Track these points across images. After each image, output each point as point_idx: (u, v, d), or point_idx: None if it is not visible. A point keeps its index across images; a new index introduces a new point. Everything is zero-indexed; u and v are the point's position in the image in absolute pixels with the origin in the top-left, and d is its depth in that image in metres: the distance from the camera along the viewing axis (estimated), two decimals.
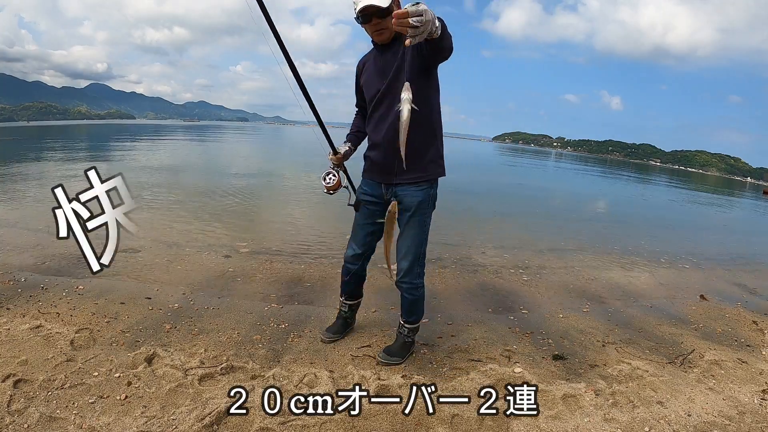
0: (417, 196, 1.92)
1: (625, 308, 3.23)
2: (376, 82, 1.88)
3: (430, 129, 1.90)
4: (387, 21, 1.74)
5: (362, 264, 2.18)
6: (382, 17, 1.75)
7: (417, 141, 1.82)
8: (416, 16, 1.32)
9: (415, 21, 1.33)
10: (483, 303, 3.08)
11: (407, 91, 1.53)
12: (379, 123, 1.90)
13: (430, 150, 1.91)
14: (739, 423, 1.84)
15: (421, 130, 1.83)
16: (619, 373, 2.17)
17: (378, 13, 1.73)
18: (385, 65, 1.84)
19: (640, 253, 5.19)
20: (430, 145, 1.91)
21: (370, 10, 1.73)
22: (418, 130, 1.81)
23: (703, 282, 4.22)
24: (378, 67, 1.88)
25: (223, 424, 1.58)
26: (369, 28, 1.80)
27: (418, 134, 1.82)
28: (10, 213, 4.82)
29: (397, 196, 1.93)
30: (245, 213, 5.36)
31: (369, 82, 1.93)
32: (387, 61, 1.84)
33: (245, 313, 2.56)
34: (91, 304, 2.51)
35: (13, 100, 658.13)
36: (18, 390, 1.66)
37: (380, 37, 1.82)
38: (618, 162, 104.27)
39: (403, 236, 1.96)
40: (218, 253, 3.75)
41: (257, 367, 1.97)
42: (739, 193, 28.98)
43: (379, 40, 1.83)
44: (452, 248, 4.59)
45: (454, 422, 1.67)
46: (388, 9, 1.73)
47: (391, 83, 1.82)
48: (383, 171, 1.93)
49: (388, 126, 1.85)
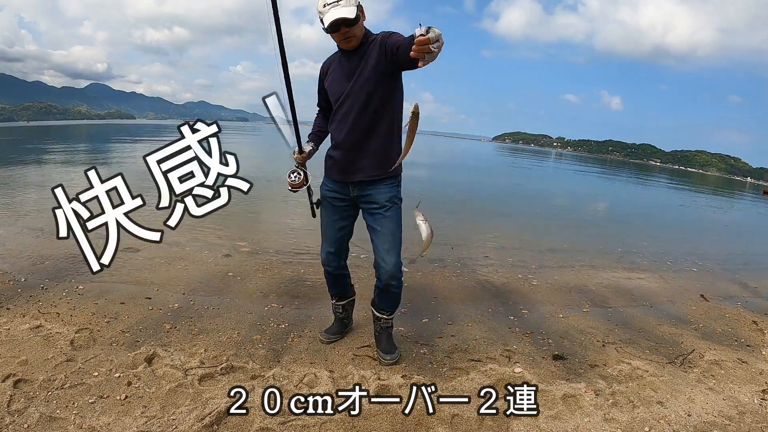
0: (388, 192, 1.96)
1: (625, 308, 3.23)
2: (341, 84, 1.93)
3: (393, 128, 1.95)
4: (354, 29, 1.80)
5: (339, 262, 2.20)
6: (350, 26, 1.79)
7: (382, 140, 1.92)
8: (435, 42, 1.42)
9: (434, 47, 1.42)
10: (483, 303, 3.08)
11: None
12: (341, 123, 1.94)
13: (393, 148, 1.95)
14: (739, 423, 1.84)
15: (385, 130, 1.92)
16: (619, 373, 2.17)
17: (346, 23, 1.77)
18: (350, 69, 1.89)
19: (640, 253, 5.19)
20: (394, 143, 1.96)
21: (339, 22, 1.77)
22: (383, 130, 1.92)
23: (703, 282, 4.22)
24: (343, 70, 1.92)
25: (223, 424, 1.58)
26: (337, 36, 1.83)
27: (384, 134, 1.92)
28: (11, 213, 4.82)
29: (368, 194, 1.96)
30: (245, 213, 5.36)
31: (334, 85, 1.96)
32: (352, 66, 1.89)
33: (245, 313, 2.56)
34: (91, 304, 2.51)
35: (13, 100, 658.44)
36: (18, 390, 1.66)
37: (348, 44, 1.85)
38: (618, 162, 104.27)
39: (382, 232, 1.97)
40: (218, 253, 3.75)
41: (257, 367, 1.97)
42: (739, 193, 28.99)
43: (347, 46, 1.87)
44: (452, 248, 4.59)
45: (454, 422, 1.67)
46: (356, 18, 1.78)
47: (353, 86, 1.88)
48: (346, 170, 1.97)
49: (349, 126, 1.91)
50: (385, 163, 1.92)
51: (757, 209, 16.32)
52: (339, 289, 2.29)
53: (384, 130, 1.92)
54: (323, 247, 2.17)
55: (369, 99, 1.86)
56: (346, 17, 1.74)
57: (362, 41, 1.86)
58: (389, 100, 1.90)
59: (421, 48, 1.43)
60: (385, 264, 1.96)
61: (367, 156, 1.93)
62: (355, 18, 1.77)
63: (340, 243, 2.15)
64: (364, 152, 1.93)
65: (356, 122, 1.89)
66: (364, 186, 1.96)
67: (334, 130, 2.00)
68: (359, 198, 2.00)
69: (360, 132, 1.90)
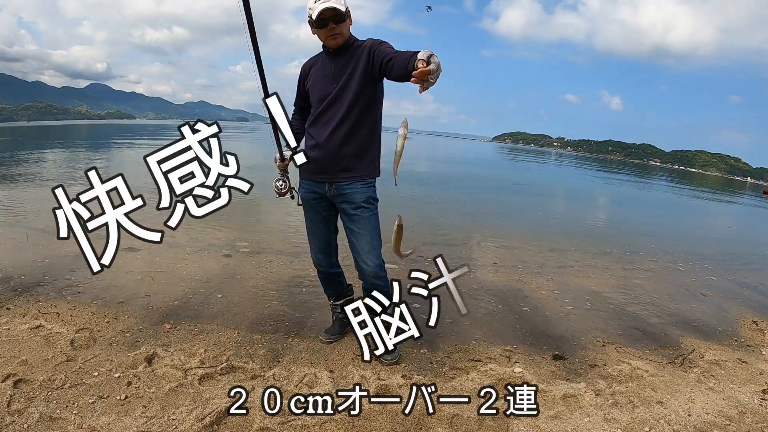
0: (365, 192, 1.98)
1: (625, 308, 3.23)
2: (326, 85, 1.93)
3: (374, 131, 1.98)
4: (341, 26, 1.83)
5: (330, 261, 2.21)
6: (337, 23, 1.80)
7: (362, 141, 1.95)
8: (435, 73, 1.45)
9: (432, 78, 1.46)
10: (483, 303, 3.08)
11: (403, 128, 1.70)
12: (324, 125, 1.94)
13: (372, 150, 1.99)
14: (739, 423, 1.84)
15: (366, 131, 1.95)
16: (619, 373, 2.17)
17: (335, 18, 1.78)
18: (336, 70, 1.90)
19: (641, 253, 5.19)
20: (373, 145, 2.00)
21: (327, 14, 1.78)
22: (366, 132, 1.95)
23: (703, 281, 4.22)
24: (326, 71, 1.93)
25: (223, 424, 1.58)
26: (323, 33, 1.84)
27: (364, 135, 1.95)
28: (11, 213, 4.82)
29: (345, 193, 1.97)
30: (245, 213, 5.36)
31: (317, 85, 1.96)
32: (338, 67, 1.89)
33: (245, 313, 2.57)
34: (91, 304, 2.51)
35: (13, 100, 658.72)
36: (18, 390, 1.66)
37: (334, 41, 1.86)
38: (618, 162, 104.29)
39: (361, 233, 1.99)
40: (218, 253, 3.75)
41: (257, 367, 1.98)
42: (739, 193, 28.98)
43: (333, 45, 1.87)
44: (453, 247, 4.59)
45: (454, 422, 1.68)
46: (345, 14, 1.80)
47: (339, 89, 1.89)
48: (323, 170, 1.97)
49: (333, 128, 1.91)
50: (364, 165, 1.96)
51: (758, 209, 16.32)
52: (334, 289, 2.30)
53: (366, 132, 1.95)
54: (312, 249, 2.19)
55: (354, 102, 1.88)
56: (337, 9, 1.77)
57: (348, 43, 1.89)
58: (372, 104, 1.93)
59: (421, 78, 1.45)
60: (366, 266, 1.99)
61: (348, 157, 1.94)
62: (344, 13, 1.80)
63: (327, 242, 2.16)
64: (346, 154, 1.94)
65: (340, 124, 1.90)
66: (342, 186, 1.97)
67: (314, 131, 1.99)
68: (336, 198, 2.01)
69: (343, 134, 1.91)
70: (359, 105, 1.89)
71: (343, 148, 1.93)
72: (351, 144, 1.93)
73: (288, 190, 2.09)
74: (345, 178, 1.96)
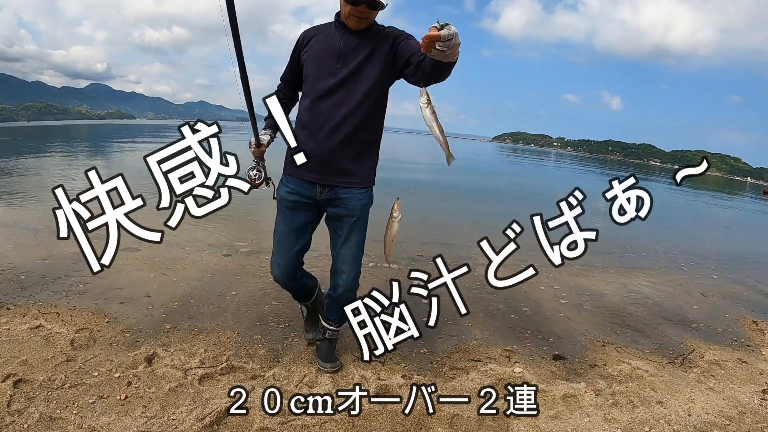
0: (362, 200, 1.79)
1: (625, 308, 3.23)
2: (327, 63, 1.68)
3: (377, 136, 1.81)
4: (372, 13, 1.63)
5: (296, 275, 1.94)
6: (370, 8, 1.60)
7: (366, 142, 1.76)
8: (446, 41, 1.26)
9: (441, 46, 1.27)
10: (483, 303, 3.08)
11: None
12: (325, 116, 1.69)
13: (371, 159, 1.82)
14: (739, 423, 1.84)
15: (370, 136, 1.77)
16: (619, 373, 2.17)
17: (371, 3, 1.58)
18: (345, 49, 1.67)
19: (641, 253, 5.19)
20: (375, 149, 1.83)
21: None
22: (369, 136, 1.76)
23: (703, 282, 4.22)
24: (334, 46, 1.68)
25: (223, 424, 1.58)
26: (351, 10, 1.60)
27: (368, 140, 1.77)
28: (11, 213, 4.82)
29: (340, 198, 1.76)
30: (245, 212, 5.36)
31: (315, 60, 1.70)
32: (348, 46, 1.66)
33: (245, 313, 2.56)
34: (91, 304, 2.51)
35: (13, 100, 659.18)
36: (18, 390, 1.66)
37: (357, 23, 1.64)
38: (618, 162, 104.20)
39: (348, 244, 1.81)
40: (218, 253, 3.75)
41: (257, 367, 1.97)
42: (739, 193, 28.96)
43: (354, 26, 1.65)
44: (452, 247, 4.59)
45: (454, 422, 1.68)
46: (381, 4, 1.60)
47: (350, 76, 1.65)
48: (316, 169, 1.72)
49: (337, 122, 1.67)
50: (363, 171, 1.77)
51: (758, 209, 16.31)
52: (302, 295, 2.11)
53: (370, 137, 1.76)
54: (274, 260, 1.89)
55: (365, 96, 1.67)
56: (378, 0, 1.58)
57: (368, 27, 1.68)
58: (382, 103, 1.75)
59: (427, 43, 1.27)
60: (346, 275, 1.83)
61: (347, 158, 1.72)
62: (381, 3, 1.59)
63: (299, 252, 1.88)
64: (348, 153, 1.72)
65: (345, 119, 1.67)
66: (337, 189, 1.75)
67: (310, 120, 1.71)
68: (328, 201, 1.78)
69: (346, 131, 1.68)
70: (369, 100, 1.67)
71: (343, 147, 1.70)
72: (353, 144, 1.71)
73: (263, 180, 1.80)
74: (343, 183, 1.75)
